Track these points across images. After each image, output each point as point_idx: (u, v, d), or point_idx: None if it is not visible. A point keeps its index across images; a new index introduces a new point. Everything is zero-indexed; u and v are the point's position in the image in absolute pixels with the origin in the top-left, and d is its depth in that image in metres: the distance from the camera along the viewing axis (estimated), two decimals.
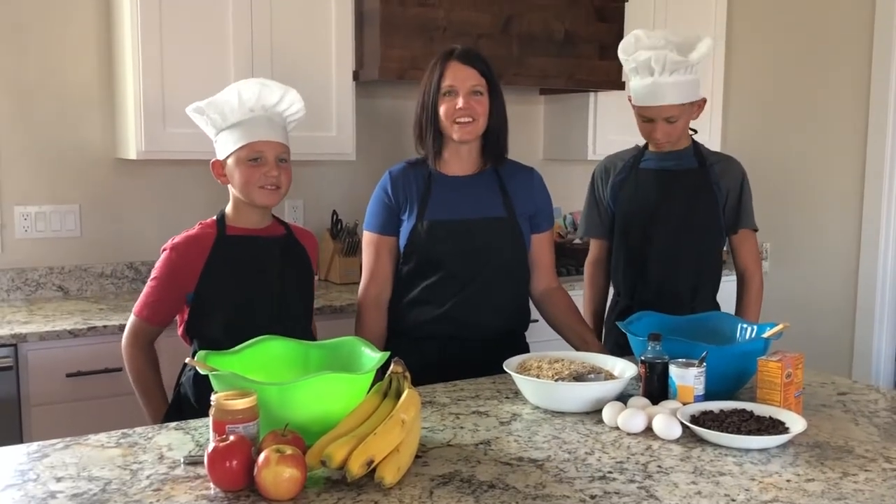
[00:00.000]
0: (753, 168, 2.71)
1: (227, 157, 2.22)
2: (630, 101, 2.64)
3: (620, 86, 3.83)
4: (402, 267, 2.47)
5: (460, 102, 2.34)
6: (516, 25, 3.62)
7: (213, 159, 2.27)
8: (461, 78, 2.35)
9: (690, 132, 2.70)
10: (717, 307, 2.70)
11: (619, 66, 3.80)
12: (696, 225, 2.65)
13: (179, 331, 2.29)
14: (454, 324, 2.41)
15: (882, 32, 3.84)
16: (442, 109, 2.36)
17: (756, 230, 2.75)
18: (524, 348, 2.51)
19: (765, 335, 2.15)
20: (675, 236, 2.65)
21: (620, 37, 3.77)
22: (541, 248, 2.55)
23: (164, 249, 2.25)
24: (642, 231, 2.68)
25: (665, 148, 2.64)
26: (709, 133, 4.27)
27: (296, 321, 2.30)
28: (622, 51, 2.59)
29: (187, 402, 2.24)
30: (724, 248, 2.79)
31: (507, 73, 3.55)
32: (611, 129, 4.02)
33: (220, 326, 2.20)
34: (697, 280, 2.69)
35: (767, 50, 4.36)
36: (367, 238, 2.50)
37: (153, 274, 2.26)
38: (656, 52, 2.49)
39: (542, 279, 2.58)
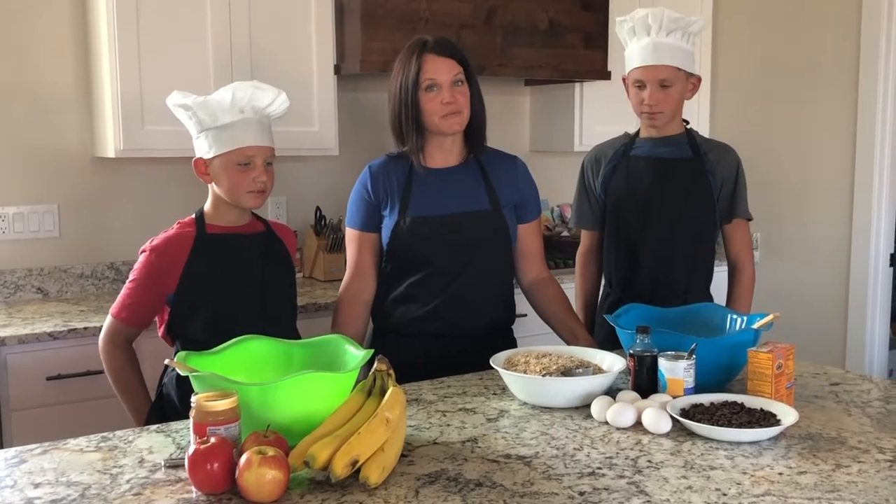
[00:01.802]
0: (743, 158, 2.68)
1: (214, 157, 2.20)
2: (623, 81, 2.61)
3: (606, 76, 3.81)
4: (387, 264, 2.44)
5: (446, 96, 2.31)
6: (499, 16, 3.59)
7: (196, 157, 2.24)
8: (442, 70, 2.31)
9: (683, 122, 2.67)
10: (710, 298, 2.68)
11: (605, 56, 3.82)
12: (690, 215, 2.62)
13: (160, 332, 2.28)
14: (441, 321, 2.39)
15: (870, 20, 3.82)
16: (427, 106, 2.32)
17: (750, 219, 2.73)
18: (511, 343, 2.49)
19: (755, 326, 2.13)
20: (669, 227, 2.62)
21: (606, 26, 3.79)
22: (528, 237, 2.53)
23: (143, 251, 2.23)
24: (635, 221, 2.64)
25: (657, 122, 2.58)
26: (696, 124, 4.23)
27: (280, 319, 2.29)
28: (619, 18, 2.58)
29: (170, 403, 2.22)
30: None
31: (491, 64, 3.52)
32: (597, 119, 4.00)
33: (202, 326, 2.18)
34: (692, 271, 2.67)
35: (755, 39, 4.35)
36: (349, 234, 2.48)
37: (132, 276, 2.24)
38: (654, 10, 2.49)
39: (532, 269, 2.55)
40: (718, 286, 2.76)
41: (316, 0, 3.38)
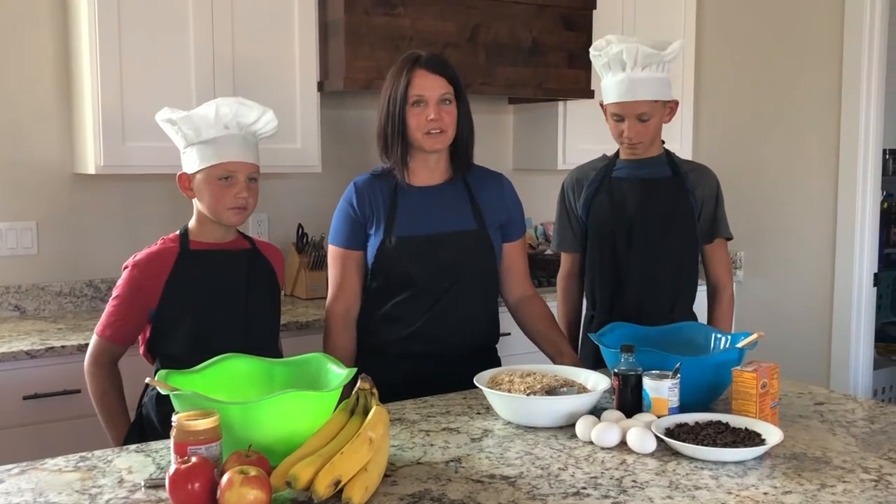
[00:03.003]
0: (726, 177, 2.69)
1: (197, 172, 2.19)
2: (602, 106, 2.61)
3: (590, 94, 3.82)
4: (371, 283, 2.43)
5: (431, 113, 2.30)
6: (483, 34, 3.60)
7: (180, 172, 2.23)
8: (430, 87, 2.31)
9: (661, 142, 2.67)
10: (694, 318, 2.68)
11: (589, 75, 3.83)
12: (674, 234, 2.62)
13: (141, 350, 2.26)
14: (426, 341, 2.38)
15: (851, 40, 3.85)
16: (412, 121, 2.32)
17: (730, 239, 2.74)
18: (496, 362, 2.48)
19: (739, 345, 2.13)
20: (653, 247, 2.61)
21: (589, 45, 3.77)
22: (514, 256, 2.52)
23: (126, 267, 2.22)
24: (621, 242, 2.63)
25: (637, 151, 2.59)
26: (680, 142, 4.28)
27: (263, 337, 2.27)
28: (594, 48, 2.57)
29: (150, 423, 2.20)
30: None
31: (474, 82, 3.53)
32: (581, 138, 4.01)
33: (184, 344, 2.16)
34: (677, 290, 2.66)
35: (738, 58, 4.37)
36: (333, 252, 2.46)
37: (115, 293, 2.22)
38: (628, 45, 2.47)
39: (517, 287, 2.55)
40: (698, 306, 2.75)
41: (300, 17, 3.38)
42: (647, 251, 2.61)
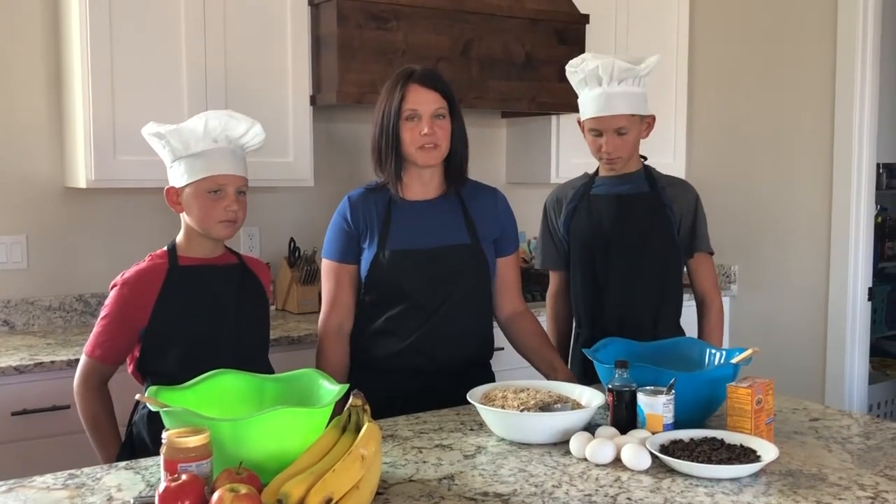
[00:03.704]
0: (720, 191, 2.69)
1: (185, 186, 2.18)
2: (579, 123, 2.63)
3: None
4: (365, 297, 2.42)
5: (425, 128, 2.30)
6: (476, 48, 3.60)
7: (168, 186, 2.22)
8: (424, 102, 2.31)
9: (641, 158, 2.68)
10: (681, 333, 2.67)
11: None
12: (652, 249, 2.62)
13: (130, 368, 2.24)
14: (420, 356, 2.37)
15: (844, 53, 3.86)
16: (406, 135, 2.32)
17: (712, 253, 2.74)
18: (490, 377, 2.46)
19: (733, 360, 2.12)
20: (632, 262, 2.61)
21: None
22: (506, 270, 2.51)
23: (114, 285, 2.20)
24: (600, 259, 2.64)
25: (616, 166, 2.59)
26: (673, 156, 4.28)
27: (254, 353, 2.26)
28: (570, 66, 2.58)
29: (141, 442, 2.18)
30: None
31: (467, 96, 3.52)
32: (574, 152, 4.00)
33: (175, 361, 2.15)
34: (659, 306, 2.66)
35: (730, 72, 4.38)
36: (327, 266, 2.45)
37: (103, 312, 2.20)
38: (604, 60, 2.49)
39: (509, 303, 2.54)
40: (688, 321, 2.75)
41: (292, 31, 3.37)
42: (626, 266, 2.61)
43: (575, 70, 2.56)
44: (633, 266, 2.61)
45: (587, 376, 2.50)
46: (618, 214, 2.62)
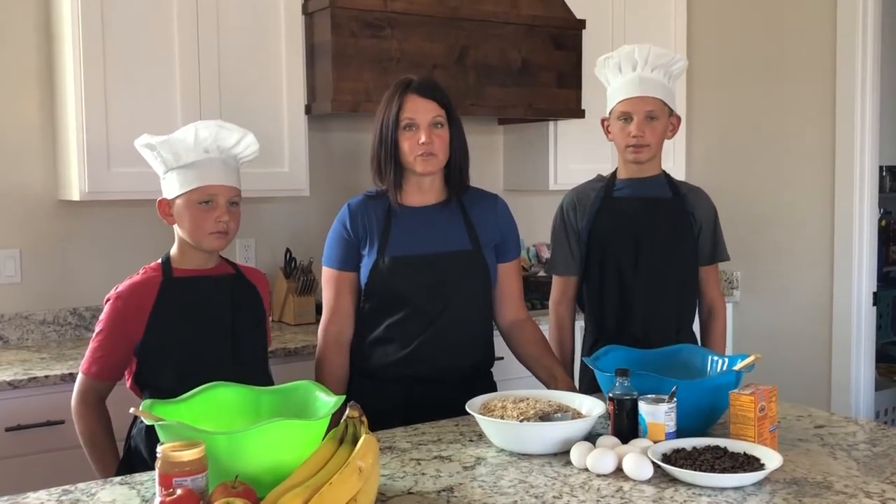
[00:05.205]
0: (721, 196, 2.68)
1: (177, 197, 2.16)
2: (602, 123, 2.62)
3: (580, 114, 3.81)
4: (364, 304, 2.41)
5: (423, 137, 2.30)
6: (472, 55, 3.59)
7: (160, 198, 2.21)
8: (421, 111, 2.32)
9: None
10: (695, 339, 2.65)
11: (579, 95, 3.82)
12: (679, 254, 2.60)
13: (128, 383, 2.22)
14: (420, 364, 2.35)
15: (844, 57, 3.84)
16: (405, 144, 2.32)
17: (728, 260, 2.75)
18: (491, 386, 2.45)
19: (736, 367, 2.10)
20: (660, 266, 2.58)
21: (579, 65, 3.80)
22: (508, 277, 2.49)
23: (108, 299, 2.19)
24: (627, 263, 2.59)
25: (643, 157, 2.55)
26: (673, 161, 4.26)
27: (252, 364, 2.24)
28: (603, 56, 2.61)
29: (139, 456, 2.16)
30: None
31: (463, 103, 3.51)
32: (571, 158, 4.00)
33: (172, 374, 2.13)
34: (682, 311, 2.64)
35: (730, 77, 4.37)
36: (327, 274, 2.44)
37: (98, 327, 2.19)
38: (640, 45, 2.52)
39: (510, 310, 2.52)
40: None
41: (287, 40, 3.36)
42: (653, 273, 2.58)
43: (609, 55, 2.58)
44: (659, 272, 2.58)
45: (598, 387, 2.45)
46: (645, 218, 2.59)
